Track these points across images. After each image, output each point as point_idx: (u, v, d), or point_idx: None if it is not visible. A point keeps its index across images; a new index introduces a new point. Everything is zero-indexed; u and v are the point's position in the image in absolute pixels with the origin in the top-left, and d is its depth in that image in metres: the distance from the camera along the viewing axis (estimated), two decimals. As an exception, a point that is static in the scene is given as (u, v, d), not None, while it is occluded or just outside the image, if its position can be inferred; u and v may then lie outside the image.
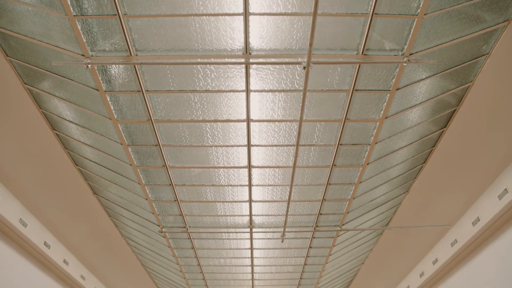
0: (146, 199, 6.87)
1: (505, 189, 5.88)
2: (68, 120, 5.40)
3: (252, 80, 4.65)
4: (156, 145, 5.59)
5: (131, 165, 6.01)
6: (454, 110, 5.40)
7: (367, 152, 5.85)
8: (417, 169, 6.58)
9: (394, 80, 4.68)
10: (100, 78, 4.55)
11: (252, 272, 10.03)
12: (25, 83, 4.85)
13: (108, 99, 4.86)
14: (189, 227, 7.72)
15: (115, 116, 5.11)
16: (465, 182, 6.60)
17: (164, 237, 8.12)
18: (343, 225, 7.78)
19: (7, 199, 6.25)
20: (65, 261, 8.14)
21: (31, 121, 5.42)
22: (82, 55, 4.26)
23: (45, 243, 7.38)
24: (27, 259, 7.18)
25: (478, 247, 7.06)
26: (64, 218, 7.59)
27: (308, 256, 9.17)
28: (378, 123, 5.31)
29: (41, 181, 6.61)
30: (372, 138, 5.56)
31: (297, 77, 4.65)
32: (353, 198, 6.95)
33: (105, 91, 4.72)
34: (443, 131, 5.73)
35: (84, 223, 7.97)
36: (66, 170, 6.45)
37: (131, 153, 5.77)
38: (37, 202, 6.91)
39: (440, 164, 6.40)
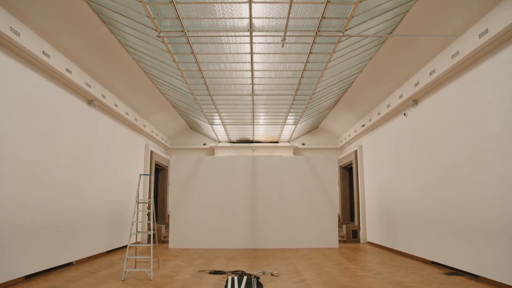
0: (140, 1, 6.44)
1: (525, 1, 5.41)
2: None
3: None
4: None
5: (117, -40, 5.41)
6: None
7: None
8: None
9: None
10: None
11: (252, 77, 10.30)
12: None
13: None
14: (187, 31, 7.50)
15: None
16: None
17: (162, 42, 8.00)
18: (346, 30, 7.56)
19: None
20: (68, 70, 8.21)
21: None
22: None
23: (43, 53, 7.28)
24: (31, 69, 7.20)
25: (478, 60, 7.01)
26: (57, 27, 7.30)
27: (308, 62, 9.24)
28: None
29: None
30: None
31: None
32: (360, 2, 6.53)
33: None
34: None
35: (79, 32, 7.72)
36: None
37: None
38: (24, 10, 6.49)
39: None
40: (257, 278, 6.79)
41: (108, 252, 10.59)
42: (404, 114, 10.18)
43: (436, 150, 8.33)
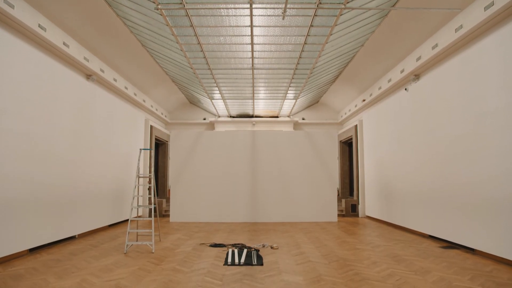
0: (137, -28, 6.30)
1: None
2: None
3: None
4: None
5: None
6: None
7: None
8: None
9: None
10: None
11: (252, 51, 10.16)
12: None
13: None
14: (186, 3, 7.34)
15: None
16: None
17: (161, 14, 7.84)
18: (347, 3, 7.40)
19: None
20: (65, 44, 8.08)
21: None
22: None
23: (39, 26, 7.14)
24: (27, 43, 7.07)
25: (482, 34, 6.87)
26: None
27: (309, 35, 9.09)
28: None
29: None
30: None
31: None
32: (362, -28, 6.37)
33: None
34: None
35: (76, 4, 7.54)
36: None
37: None
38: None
39: None
40: (257, 250, 6.90)
41: (110, 226, 10.73)
42: (405, 89, 10.09)
43: (437, 125, 8.30)
